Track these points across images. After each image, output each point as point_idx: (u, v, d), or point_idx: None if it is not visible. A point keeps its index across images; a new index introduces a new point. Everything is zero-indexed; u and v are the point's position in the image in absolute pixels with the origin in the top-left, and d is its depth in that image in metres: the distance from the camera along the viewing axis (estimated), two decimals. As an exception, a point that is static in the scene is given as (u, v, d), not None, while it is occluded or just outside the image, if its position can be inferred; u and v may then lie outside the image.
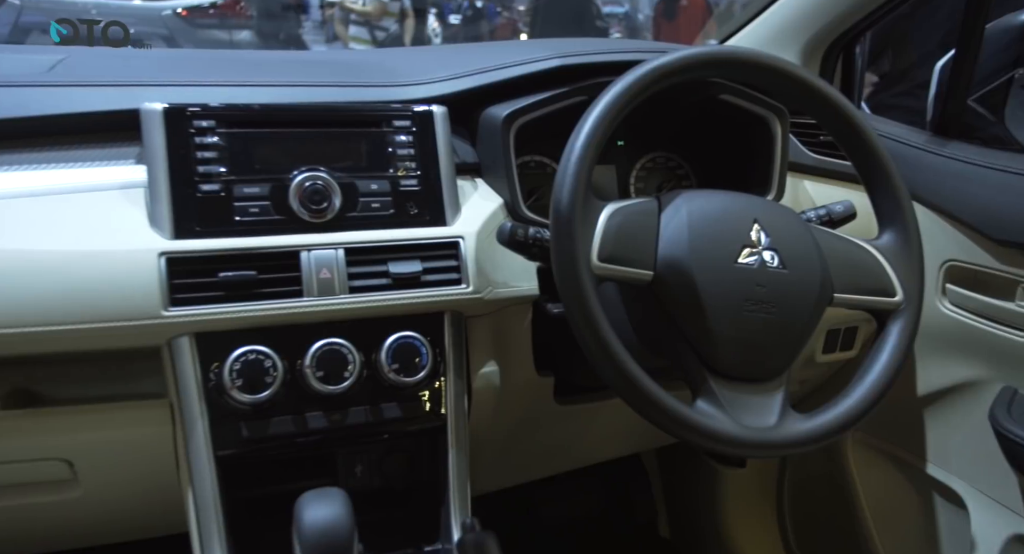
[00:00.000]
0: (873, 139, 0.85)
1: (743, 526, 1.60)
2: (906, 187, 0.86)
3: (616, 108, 0.78)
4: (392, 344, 0.85)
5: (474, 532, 0.79)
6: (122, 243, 0.77)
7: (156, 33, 4.37)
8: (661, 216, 0.81)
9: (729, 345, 0.77)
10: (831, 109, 0.85)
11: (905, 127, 1.20)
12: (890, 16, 1.26)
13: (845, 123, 0.85)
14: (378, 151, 0.89)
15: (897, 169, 0.86)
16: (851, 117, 0.85)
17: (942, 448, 1.18)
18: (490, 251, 0.90)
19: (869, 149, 0.85)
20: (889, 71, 1.69)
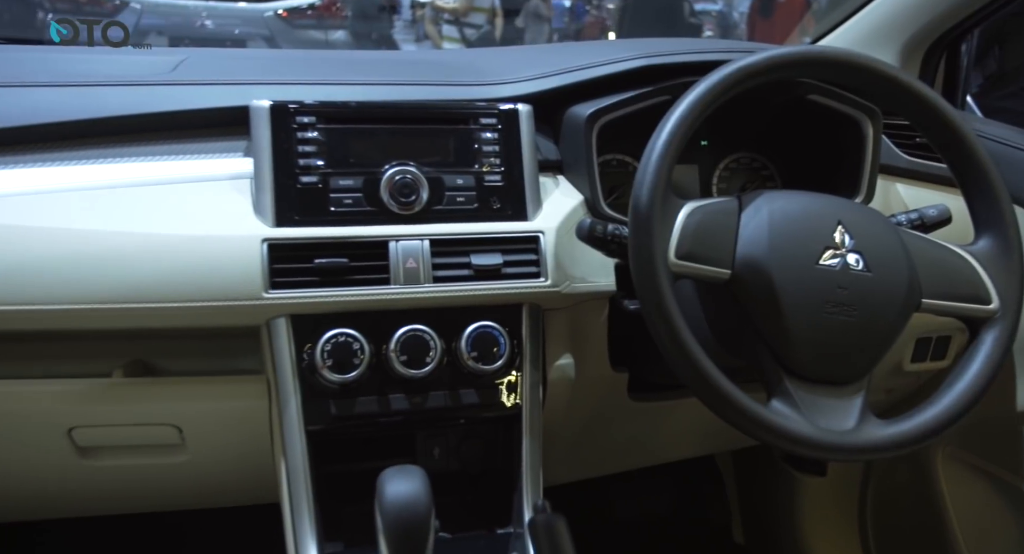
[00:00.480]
0: (970, 139, 0.82)
1: (822, 537, 1.56)
2: (1007, 190, 0.83)
3: (699, 108, 0.79)
4: (472, 333, 0.88)
5: (545, 514, 0.82)
6: (229, 229, 0.84)
7: (258, 33, 4.60)
8: (741, 215, 0.81)
9: (807, 346, 0.77)
10: (924, 108, 0.83)
11: (1010, 128, 1.15)
12: (1001, 12, 1.20)
13: (939, 122, 0.83)
14: (464, 147, 0.92)
15: (997, 171, 0.83)
16: (946, 116, 0.82)
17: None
18: (569, 246, 0.92)
19: (966, 149, 0.83)
20: (995, 71, 1.60)
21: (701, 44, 1.14)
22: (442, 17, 5.64)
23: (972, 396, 0.78)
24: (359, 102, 0.92)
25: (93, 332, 0.83)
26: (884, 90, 0.83)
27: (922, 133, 0.86)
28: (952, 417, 0.77)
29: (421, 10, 5.98)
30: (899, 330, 0.79)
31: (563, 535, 0.79)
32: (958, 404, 0.78)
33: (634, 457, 1.30)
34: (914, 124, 0.86)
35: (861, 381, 0.79)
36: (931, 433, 0.77)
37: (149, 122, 0.89)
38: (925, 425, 0.77)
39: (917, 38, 1.25)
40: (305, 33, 5.07)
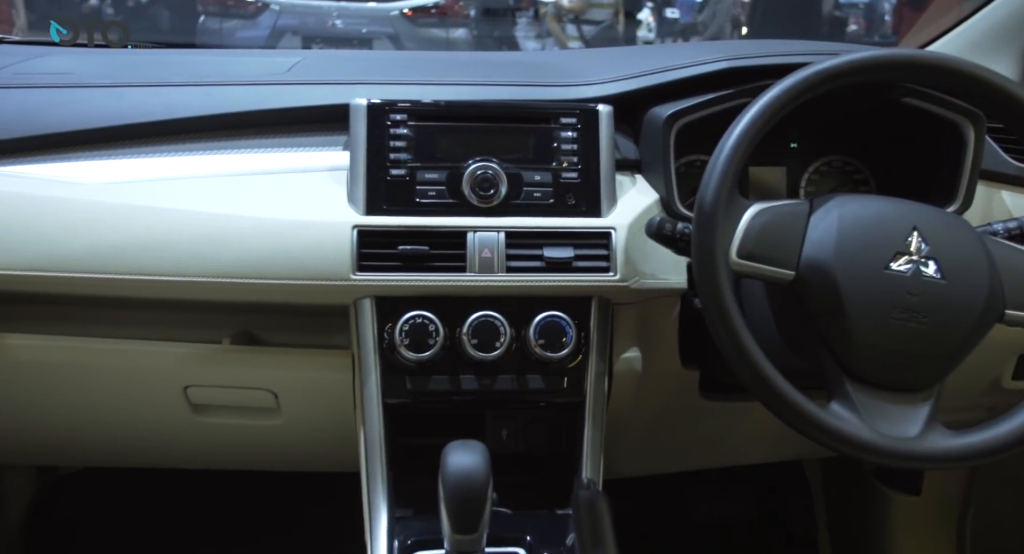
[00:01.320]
0: None
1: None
2: None
3: (770, 112, 0.80)
4: (540, 321, 0.93)
5: (589, 490, 0.85)
6: (324, 216, 0.92)
7: (383, 32, 4.84)
8: (811, 218, 0.81)
9: (870, 351, 0.76)
10: (1016, 108, 0.79)
11: None
12: None
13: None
14: (544, 145, 0.97)
15: None
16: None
17: None
18: (641, 243, 0.94)
19: None
20: None
21: (786, 46, 1.12)
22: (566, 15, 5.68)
23: None
24: (447, 101, 0.98)
25: (206, 303, 0.95)
26: (972, 91, 0.81)
27: (1015, 133, 0.82)
28: (1019, 439, 0.74)
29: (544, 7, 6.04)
30: (975, 340, 0.77)
31: (603, 512, 0.82)
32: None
33: (706, 456, 1.30)
34: (1009, 127, 0.83)
35: (930, 390, 0.78)
36: (1002, 448, 0.74)
37: (264, 118, 1.00)
38: (996, 439, 0.75)
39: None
40: (427, 31, 5.27)
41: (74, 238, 0.90)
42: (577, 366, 0.95)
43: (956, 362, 0.78)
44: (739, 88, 0.97)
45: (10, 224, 0.90)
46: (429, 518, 0.86)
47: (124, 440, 1.17)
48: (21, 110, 0.98)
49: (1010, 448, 0.76)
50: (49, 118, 0.96)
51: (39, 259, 0.90)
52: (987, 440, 0.75)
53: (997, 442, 0.75)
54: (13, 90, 1.02)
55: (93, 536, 1.56)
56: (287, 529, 1.58)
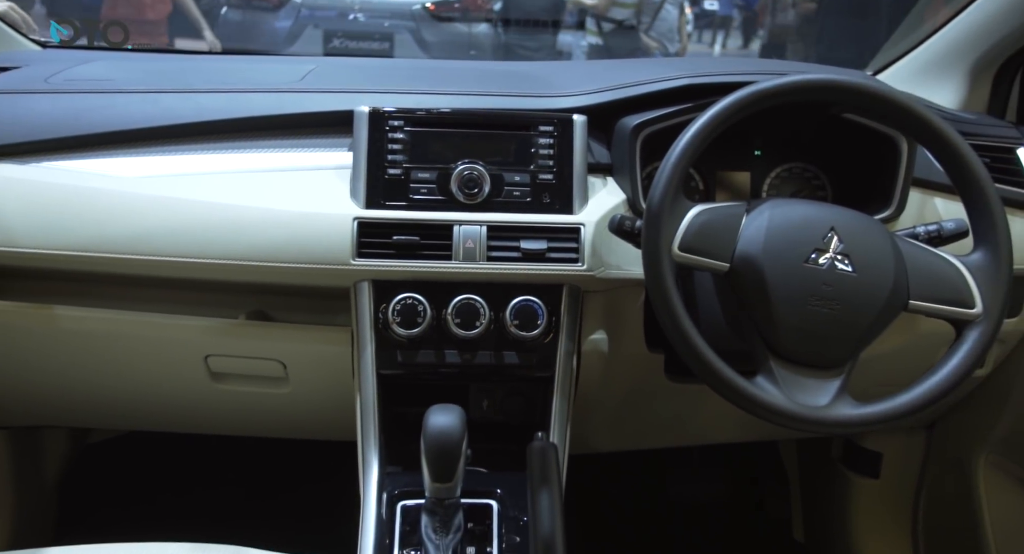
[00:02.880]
0: (966, 156, 0.90)
1: (875, 542, 1.60)
2: (1002, 207, 0.90)
3: (712, 126, 0.92)
4: (516, 305, 1.06)
5: (541, 441, 0.98)
6: (329, 208, 1.06)
7: (405, 26, 4.86)
8: (746, 218, 0.93)
9: (791, 332, 0.88)
10: (922, 126, 0.91)
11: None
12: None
13: (938, 140, 0.91)
14: (524, 150, 1.10)
15: (994, 189, 0.90)
16: (943, 133, 0.90)
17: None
18: (607, 237, 1.06)
19: (963, 166, 0.90)
20: None
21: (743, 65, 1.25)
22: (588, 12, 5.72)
23: (943, 387, 0.87)
24: (438, 109, 1.11)
25: (225, 284, 1.09)
26: (884, 110, 0.93)
27: (927, 150, 0.94)
28: (920, 404, 0.86)
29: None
30: (882, 325, 0.89)
31: (551, 458, 0.95)
32: (929, 393, 0.87)
33: (676, 434, 1.42)
34: (918, 142, 0.94)
35: (841, 367, 0.90)
36: (896, 416, 0.86)
37: (280, 121, 1.14)
38: (892, 409, 0.87)
39: (987, 58, 1.28)
40: (449, 26, 5.28)
41: (113, 224, 1.05)
42: (548, 345, 1.08)
43: (864, 344, 0.90)
44: (696, 102, 1.09)
45: (60, 211, 1.05)
46: (415, 474, 0.99)
47: (150, 406, 1.31)
48: (71, 113, 1.12)
49: (902, 416, 0.88)
50: (94, 120, 1.11)
51: (85, 241, 1.04)
52: (885, 409, 0.87)
53: (893, 411, 0.87)
54: (64, 95, 1.17)
55: (120, 497, 1.71)
56: (295, 487, 1.73)
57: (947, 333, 1.05)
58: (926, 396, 0.88)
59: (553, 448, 0.98)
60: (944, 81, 1.31)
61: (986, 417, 1.29)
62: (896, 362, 1.16)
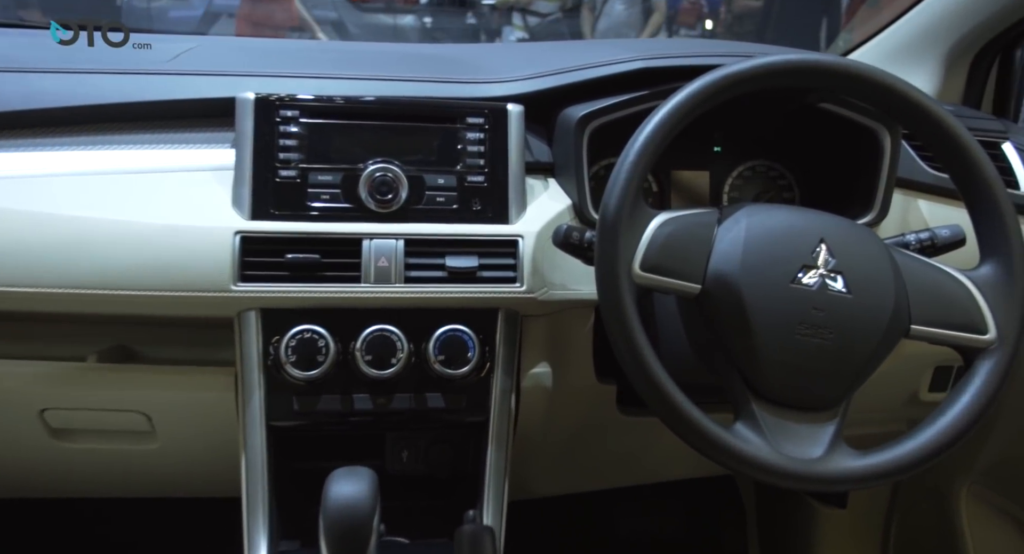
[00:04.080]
0: (974, 152, 0.76)
1: (842, 573, 1.47)
2: (1015, 213, 0.76)
3: (677, 116, 0.75)
4: (441, 336, 0.86)
5: (473, 524, 0.79)
6: (204, 220, 0.84)
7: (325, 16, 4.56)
8: (718, 229, 0.76)
9: (776, 368, 0.72)
10: (922, 116, 0.76)
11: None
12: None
13: (940, 132, 0.77)
14: (448, 146, 0.91)
15: (1005, 192, 0.76)
16: (947, 125, 0.76)
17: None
18: (550, 252, 0.89)
19: (969, 165, 0.76)
20: None
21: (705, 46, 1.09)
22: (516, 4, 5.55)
23: (959, 429, 0.72)
24: (343, 97, 0.91)
25: (72, 315, 0.85)
26: (879, 97, 0.77)
27: (923, 143, 0.79)
28: (933, 452, 0.71)
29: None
30: (881, 357, 0.74)
31: (486, 547, 0.76)
32: (942, 437, 0.72)
33: (628, 473, 1.26)
34: (915, 134, 0.80)
35: (835, 408, 0.74)
36: (905, 468, 0.71)
37: (141, 110, 0.91)
38: (899, 460, 0.71)
39: (962, 45, 1.16)
40: (373, 17, 5.00)
41: None
42: (480, 383, 0.89)
43: (862, 380, 0.75)
44: (654, 89, 0.92)
45: None
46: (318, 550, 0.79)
47: None
48: None
49: (911, 469, 0.73)
50: None
51: None
52: (891, 460, 0.72)
53: (900, 463, 0.72)
54: None
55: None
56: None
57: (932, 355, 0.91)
58: (938, 442, 0.73)
59: (488, 534, 0.79)
60: (916, 69, 1.19)
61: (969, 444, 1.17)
62: (871, 389, 1.02)
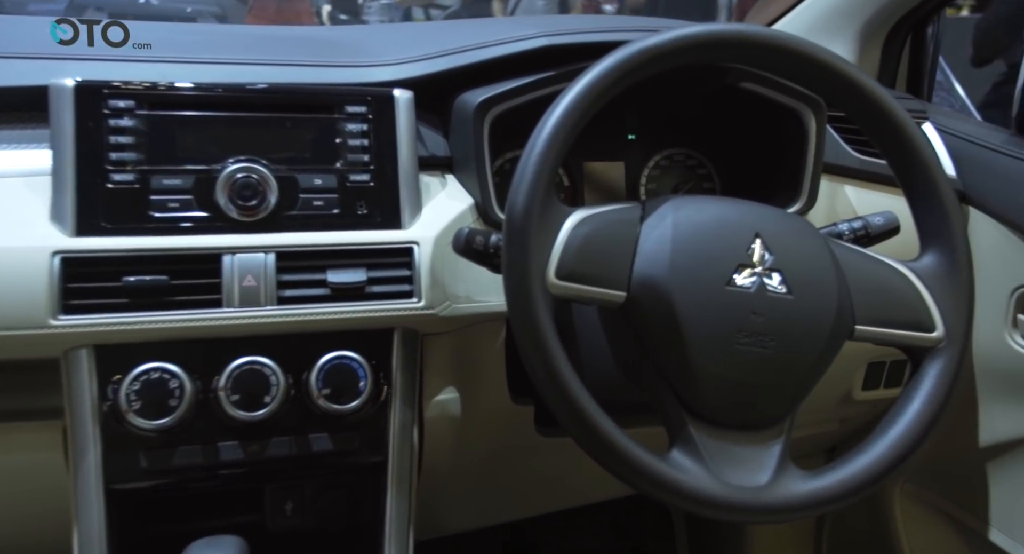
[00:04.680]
0: (912, 133, 0.68)
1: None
2: (956, 198, 0.69)
3: (589, 98, 0.64)
4: (325, 365, 0.73)
5: None
6: (13, 239, 0.67)
7: (209, 11, 4.24)
8: (642, 226, 0.66)
9: (714, 384, 0.63)
10: (857, 93, 0.68)
11: (983, 125, 1.01)
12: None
13: (877, 111, 0.69)
14: (325, 141, 0.77)
15: (945, 175, 0.69)
16: (884, 103, 0.68)
17: (1008, 511, 0.98)
18: (451, 260, 0.77)
19: (908, 145, 0.69)
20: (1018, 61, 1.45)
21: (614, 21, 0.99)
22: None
23: (912, 440, 0.64)
24: (195, 84, 0.75)
25: None
26: (810, 73, 0.69)
27: (857, 123, 0.72)
28: (885, 469, 0.64)
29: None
30: (826, 364, 0.65)
31: None
32: (895, 451, 0.64)
33: (551, 498, 1.15)
34: (848, 114, 0.72)
35: (780, 425, 0.65)
36: (858, 489, 0.63)
37: None
38: (852, 480, 0.63)
39: (876, 20, 1.11)
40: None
41: None
42: (376, 418, 0.76)
43: (807, 391, 0.66)
44: (561, 69, 0.81)
45: None
46: None
47: None
48: None
49: (866, 489, 0.65)
50: None
51: None
52: (843, 481, 0.63)
53: (854, 483, 0.63)
54: None
55: None
56: None
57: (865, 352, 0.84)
58: (892, 456, 0.65)
59: None
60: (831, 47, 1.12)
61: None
62: None
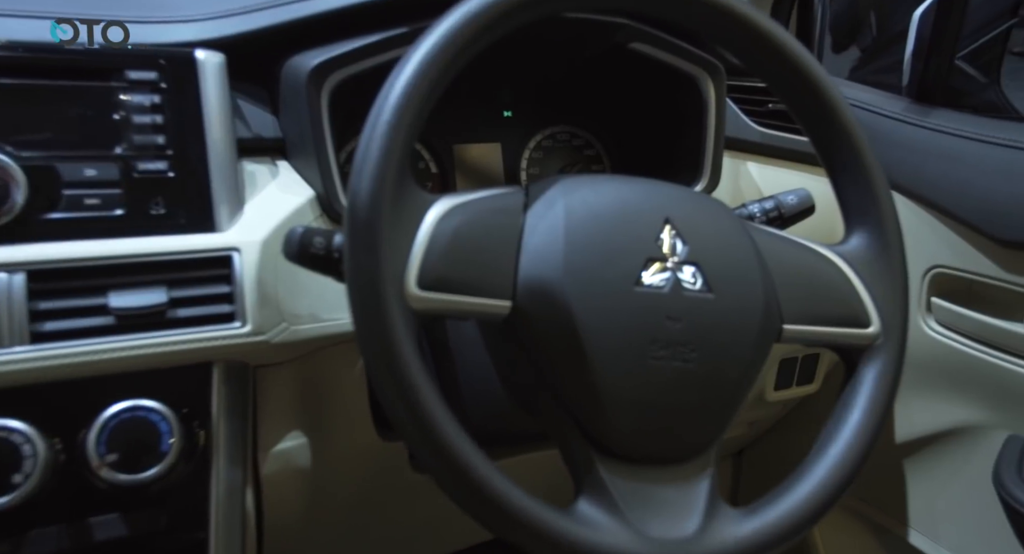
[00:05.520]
0: (835, 98, 0.58)
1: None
2: (883, 172, 0.59)
3: (445, 56, 0.49)
4: (109, 422, 0.54)
5: None
6: None
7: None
8: (527, 215, 0.51)
9: (627, 411, 0.49)
10: (774, 52, 0.57)
11: (877, 92, 0.94)
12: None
13: (796, 75, 0.57)
14: (99, 117, 0.58)
15: (871, 145, 0.59)
16: (806, 67, 0.57)
17: (928, 512, 0.92)
18: (287, 270, 0.60)
19: (829, 113, 0.58)
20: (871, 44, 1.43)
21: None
22: None
23: (855, 460, 0.54)
24: None
25: None
26: (719, 25, 0.56)
27: (772, 88, 0.60)
28: (832, 494, 0.53)
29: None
30: (755, 373, 0.54)
31: None
32: (837, 475, 0.54)
33: (441, 542, 0.99)
34: (759, 74, 0.60)
35: (707, 454, 0.53)
36: (806, 523, 0.52)
37: None
38: (798, 513, 0.52)
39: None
40: None
41: None
42: (190, 485, 0.57)
43: (736, 410, 0.54)
44: (415, 26, 0.65)
45: None
46: None
47: None
48: None
49: (813, 520, 0.54)
50: None
51: None
52: (789, 514, 0.52)
53: (799, 516, 0.52)
54: None
55: None
56: None
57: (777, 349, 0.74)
58: (837, 479, 0.54)
59: None
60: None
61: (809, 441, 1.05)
62: None
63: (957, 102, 0.88)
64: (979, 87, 0.89)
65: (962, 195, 0.81)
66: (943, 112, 0.86)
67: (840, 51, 2.47)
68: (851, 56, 2.33)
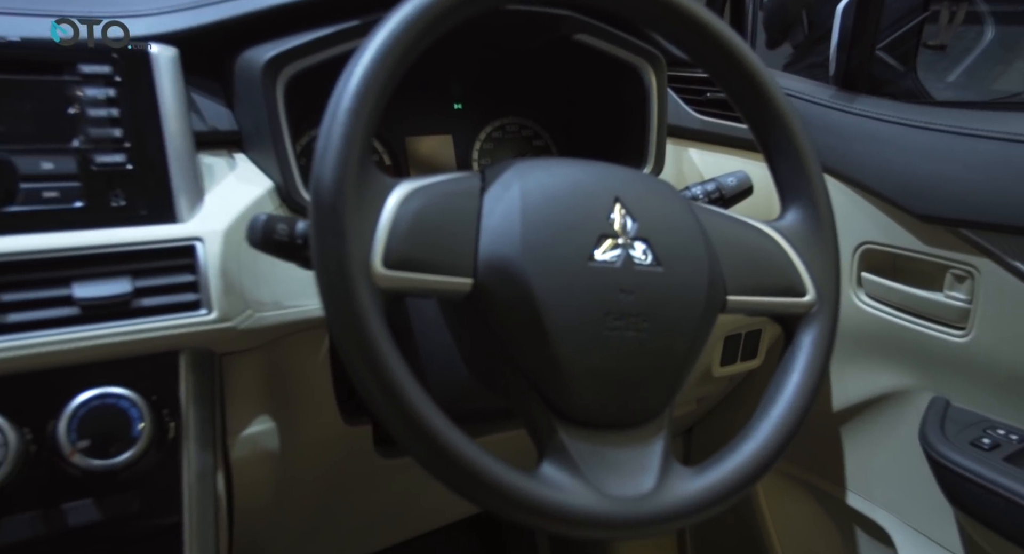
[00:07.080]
0: (768, 82, 0.62)
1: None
2: (815, 152, 0.64)
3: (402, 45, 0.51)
4: (79, 410, 0.54)
5: None
6: None
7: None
8: (484, 197, 0.54)
9: (585, 379, 0.52)
10: (708, 38, 0.61)
11: (807, 81, 0.99)
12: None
13: (730, 60, 0.61)
14: (54, 111, 0.58)
15: (803, 128, 0.63)
16: (738, 51, 0.61)
17: (863, 474, 0.98)
18: (251, 258, 0.61)
19: (765, 99, 0.62)
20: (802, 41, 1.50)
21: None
22: None
23: (797, 415, 0.59)
24: None
25: None
26: (657, 16, 0.60)
27: (706, 71, 0.64)
28: (776, 450, 0.57)
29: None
30: (702, 342, 0.58)
31: None
32: (782, 429, 0.58)
33: (405, 525, 1.01)
34: (696, 60, 0.64)
35: (660, 417, 0.57)
36: (753, 477, 0.56)
37: None
38: (747, 466, 0.56)
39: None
40: None
41: None
42: (161, 469, 0.58)
43: (686, 375, 0.58)
44: (369, 18, 0.67)
45: None
46: None
47: None
48: None
49: (762, 473, 0.58)
50: None
51: None
52: (737, 470, 0.56)
53: (748, 471, 0.56)
54: None
55: None
56: None
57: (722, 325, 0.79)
58: (781, 434, 0.58)
59: None
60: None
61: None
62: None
63: (879, 89, 0.94)
64: (898, 75, 0.96)
65: (885, 174, 0.86)
66: (866, 98, 0.92)
67: (774, 47, 2.57)
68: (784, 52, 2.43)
